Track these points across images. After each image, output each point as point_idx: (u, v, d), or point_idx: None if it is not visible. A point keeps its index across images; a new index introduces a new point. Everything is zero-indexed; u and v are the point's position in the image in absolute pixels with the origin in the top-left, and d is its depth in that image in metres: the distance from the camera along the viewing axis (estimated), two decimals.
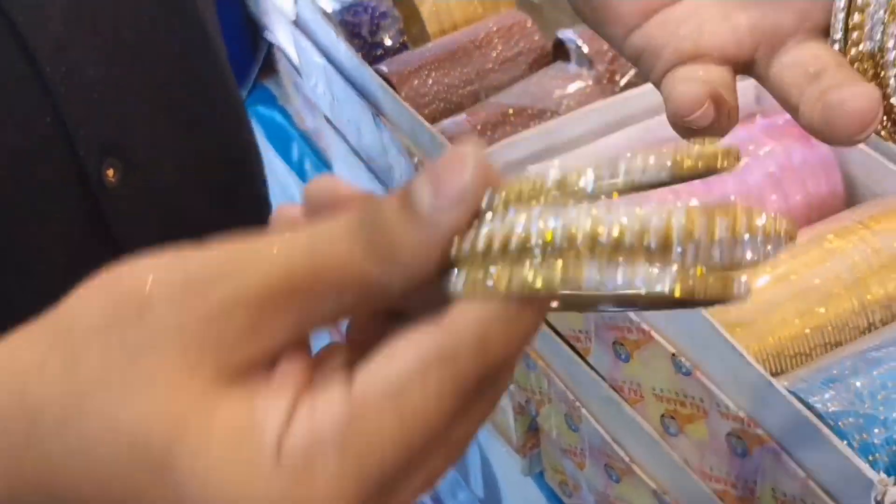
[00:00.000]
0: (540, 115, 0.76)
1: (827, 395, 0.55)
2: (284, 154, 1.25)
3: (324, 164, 1.14)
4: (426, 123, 0.75)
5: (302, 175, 1.20)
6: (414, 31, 0.89)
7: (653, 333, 0.63)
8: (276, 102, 1.28)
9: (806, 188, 0.70)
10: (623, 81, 0.78)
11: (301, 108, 1.20)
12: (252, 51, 1.27)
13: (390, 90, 0.80)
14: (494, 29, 0.85)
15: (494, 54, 0.82)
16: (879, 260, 0.64)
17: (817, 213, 0.70)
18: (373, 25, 0.87)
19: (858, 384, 0.56)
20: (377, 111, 0.82)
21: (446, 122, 0.77)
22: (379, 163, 0.86)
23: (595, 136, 0.74)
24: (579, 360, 0.71)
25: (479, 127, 0.76)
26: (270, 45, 1.24)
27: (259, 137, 1.31)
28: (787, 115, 0.67)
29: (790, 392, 0.56)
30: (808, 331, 0.62)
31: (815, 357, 0.62)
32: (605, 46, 0.79)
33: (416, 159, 0.77)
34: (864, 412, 0.54)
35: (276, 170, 1.30)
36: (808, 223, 0.69)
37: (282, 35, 1.09)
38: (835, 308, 0.63)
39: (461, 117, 0.77)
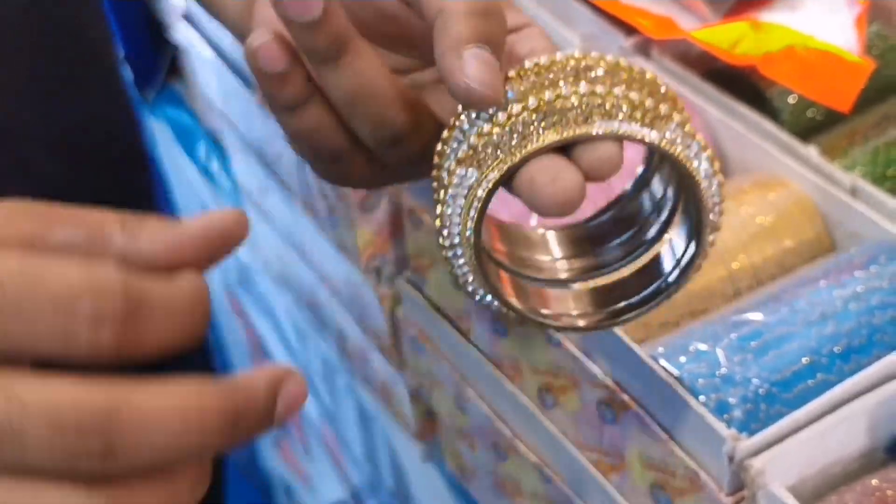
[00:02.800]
0: None
1: (685, 359, 0.56)
2: (192, 155, 1.24)
3: (228, 162, 1.14)
4: None
5: (209, 175, 1.20)
6: None
7: None
8: (184, 103, 1.27)
9: None
10: None
11: (206, 107, 1.20)
12: (157, 52, 1.26)
13: None
14: None
15: None
16: (746, 231, 0.65)
17: None
18: None
19: (718, 348, 0.57)
20: (264, 100, 0.82)
21: None
22: (269, 153, 0.86)
23: None
24: (463, 338, 0.72)
25: None
26: (177, 47, 1.23)
27: (168, 139, 1.31)
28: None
29: (651, 357, 0.57)
30: (674, 299, 0.63)
31: (682, 325, 0.63)
32: None
33: None
34: (721, 373, 0.55)
35: (184, 171, 1.30)
36: None
37: (183, 34, 1.09)
38: (702, 277, 0.64)
39: None
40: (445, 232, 0.42)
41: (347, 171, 0.44)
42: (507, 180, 0.39)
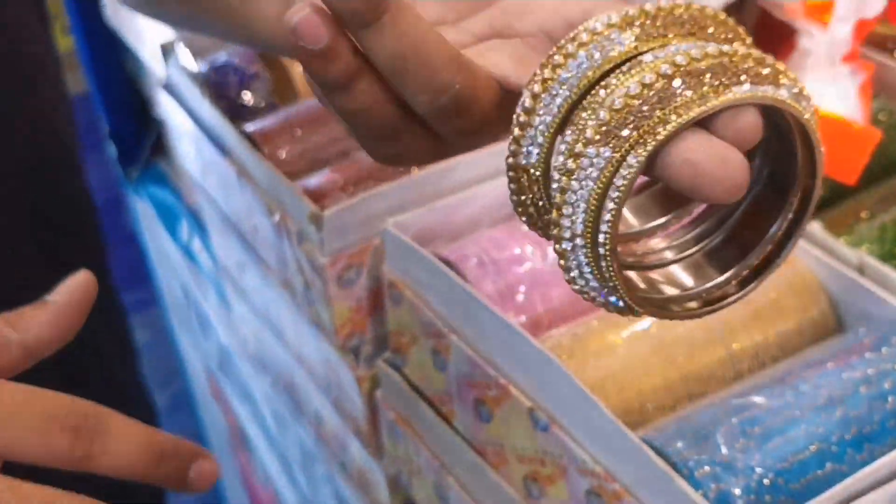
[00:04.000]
0: (406, 171, 0.73)
1: (682, 444, 0.52)
2: (174, 233, 1.21)
3: (209, 240, 1.10)
4: (285, 179, 0.72)
5: (190, 255, 1.16)
6: (287, 94, 0.86)
7: (510, 388, 0.60)
8: (167, 181, 1.24)
9: None
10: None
11: (188, 184, 1.17)
12: (142, 129, 1.24)
13: (253, 149, 0.77)
14: None
15: None
16: (746, 310, 0.61)
17: None
18: (241, 87, 0.85)
19: (718, 433, 0.52)
20: (241, 170, 0.79)
21: (310, 179, 0.74)
22: (246, 226, 0.82)
23: (463, 187, 0.71)
24: (444, 423, 0.67)
25: (342, 183, 0.73)
26: (162, 123, 1.21)
27: (151, 218, 1.27)
28: None
29: (645, 442, 0.52)
30: (671, 382, 0.58)
31: (680, 409, 0.58)
32: None
33: (276, 217, 0.74)
34: (721, 461, 0.51)
35: (166, 250, 1.26)
36: None
37: (162, 104, 1.06)
38: (700, 358, 0.59)
39: (325, 172, 0.74)
40: (567, 222, 0.35)
41: (403, 149, 0.40)
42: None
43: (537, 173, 0.36)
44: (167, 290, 1.35)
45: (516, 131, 0.36)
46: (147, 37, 0.96)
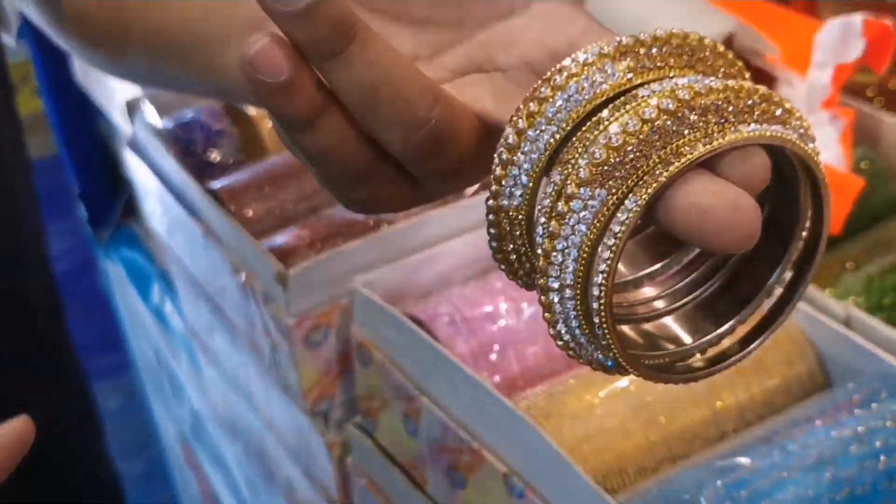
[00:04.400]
0: (375, 227, 0.71)
1: None
2: (145, 296, 1.18)
3: (180, 302, 1.07)
4: (250, 238, 0.70)
5: (161, 318, 1.13)
6: (255, 151, 0.84)
7: (484, 453, 0.57)
8: (139, 243, 1.22)
9: None
10: (471, 191, 0.73)
11: (158, 245, 1.14)
12: (113, 191, 1.21)
13: (219, 207, 0.74)
14: None
15: None
16: (731, 367, 0.59)
17: None
18: (207, 143, 0.82)
19: (702, 496, 0.50)
20: (207, 229, 0.76)
21: (276, 237, 0.72)
22: (213, 286, 0.80)
23: (433, 243, 0.69)
24: (417, 490, 0.64)
25: (309, 240, 0.70)
26: (132, 184, 1.19)
27: (123, 280, 1.25)
28: None
29: None
30: (652, 443, 0.56)
31: (661, 472, 0.55)
32: None
33: (241, 277, 0.71)
34: None
35: (138, 313, 1.23)
36: None
37: (129, 162, 1.04)
38: (683, 418, 0.57)
39: (292, 230, 0.72)
40: (555, 271, 0.31)
41: (376, 194, 0.36)
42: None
43: (520, 216, 0.33)
44: (140, 355, 1.32)
45: (498, 171, 0.32)
46: (115, 96, 0.94)
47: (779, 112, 0.31)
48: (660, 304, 0.36)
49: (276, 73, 0.31)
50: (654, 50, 0.32)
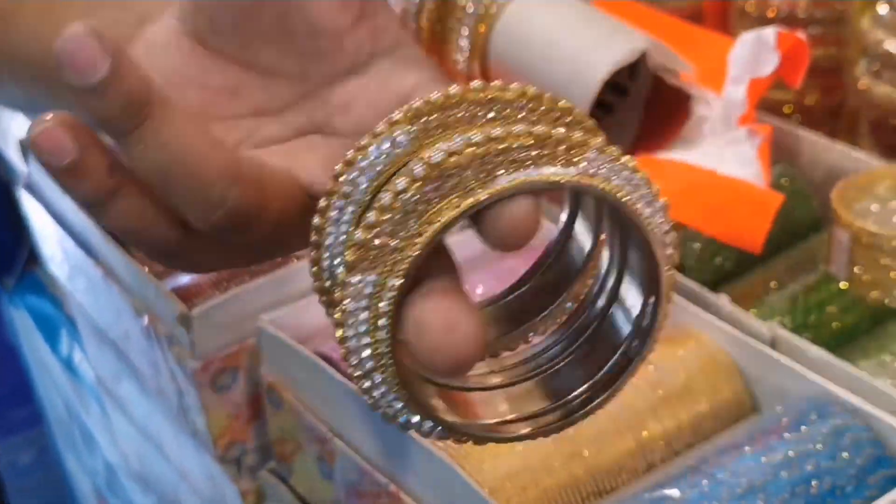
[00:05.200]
0: (283, 262, 0.68)
1: None
2: (53, 345, 1.13)
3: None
4: (151, 278, 0.66)
5: (70, 366, 1.09)
6: None
7: (402, 496, 0.54)
8: (45, 290, 1.17)
9: None
10: None
11: (65, 293, 1.10)
12: (16, 237, 1.17)
13: (119, 248, 0.71)
14: None
15: None
16: (654, 395, 0.56)
17: None
18: None
19: None
20: (107, 271, 0.72)
21: (180, 277, 0.68)
22: (117, 332, 0.76)
23: None
24: None
25: (214, 279, 0.67)
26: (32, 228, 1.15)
27: (30, 329, 1.20)
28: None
29: None
30: (577, 478, 0.53)
31: None
32: None
33: (144, 320, 0.68)
34: None
35: (46, 363, 1.18)
36: None
37: (26, 204, 1.00)
38: (608, 450, 0.54)
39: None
40: (354, 360, 0.31)
41: (197, 261, 0.35)
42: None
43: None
44: (50, 406, 1.27)
45: (313, 237, 0.31)
46: (9, 134, 0.90)
47: (570, 150, 0.29)
48: (495, 379, 0.35)
49: (59, 156, 0.30)
50: (449, 110, 0.30)
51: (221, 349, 0.63)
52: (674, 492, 0.50)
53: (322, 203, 0.31)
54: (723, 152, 0.63)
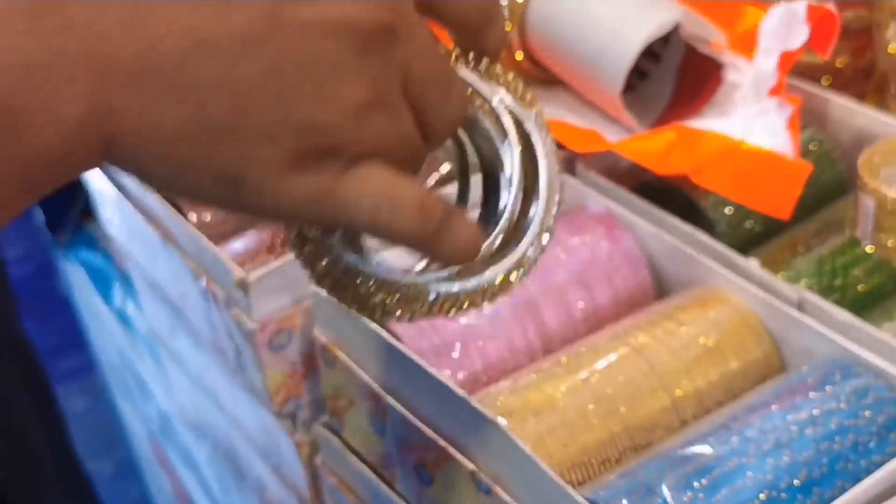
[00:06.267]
0: None
1: (627, 502, 0.50)
2: (107, 298, 1.18)
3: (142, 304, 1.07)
4: (210, 245, 0.70)
5: (125, 319, 1.13)
6: None
7: (450, 451, 0.58)
8: (98, 245, 1.21)
9: (613, 284, 0.66)
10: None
11: (118, 248, 1.14)
12: (70, 194, 1.21)
13: (177, 214, 0.74)
14: None
15: None
16: (687, 355, 0.60)
17: (626, 308, 0.66)
18: None
19: (663, 486, 0.51)
20: (166, 236, 0.76)
21: (236, 242, 0.72)
22: (174, 291, 0.80)
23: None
24: (387, 487, 0.65)
25: (269, 244, 0.71)
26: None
27: (84, 282, 1.24)
28: (590, 209, 0.64)
29: (590, 501, 0.50)
30: (614, 434, 0.57)
31: (624, 462, 0.56)
32: None
33: (202, 282, 0.71)
34: None
35: (100, 315, 1.23)
36: (617, 319, 0.65)
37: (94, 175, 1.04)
38: (643, 408, 0.58)
39: (251, 234, 0.72)
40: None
41: None
42: None
43: None
44: (104, 355, 1.32)
45: None
46: None
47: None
48: None
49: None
50: None
51: (277, 312, 0.67)
52: (705, 448, 0.53)
53: None
54: (753, 123, 0.65)
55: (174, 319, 0.84)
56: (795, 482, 0.51)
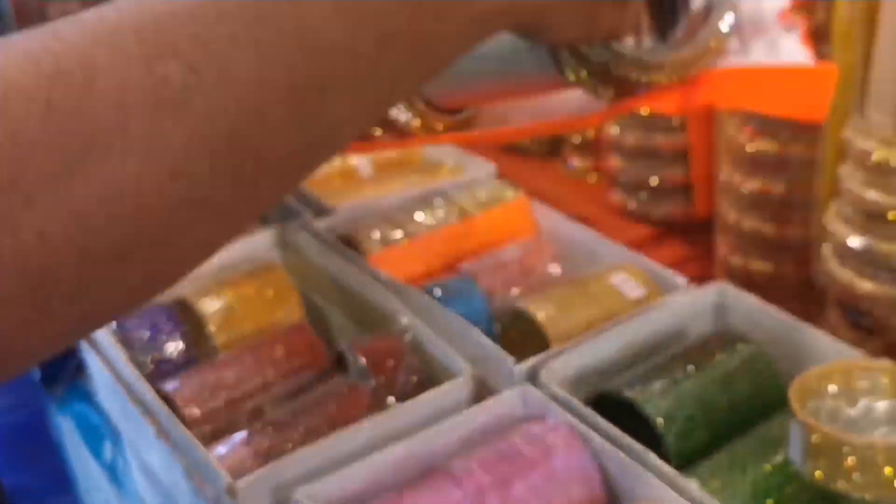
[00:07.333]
0: (323, 434, 0.77)
1: None
2: (97, 454, 1.22)
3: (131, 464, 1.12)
4: (201, 448, 0.76)
5: (114, 474, 1.18)
6: (203, 347, 0.91)
7: None
8: (92, 400, 1.26)
9: (569, 495, 0.72)
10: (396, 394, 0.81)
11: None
12: (66, 355, 1.26)
13: (170, 411, 0.80)
14: (281, 340, 0.88)
15: (273, 372, 0.84)
16: None
17: None
18: (155, 339, 0.89)
19: None
20: (159, 430, 0.82)
21: (222, 449, 0.78)
22: (166, 479, 0.85)
23: (367, 452, 0.74)
24: None
25: (254, 448, 0.77)
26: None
27: (75, 437, 1.29)
28: (549, 422, 0.68)
29: None
30: None
31: None
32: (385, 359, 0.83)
33: (193, 479, 0.77)
34: None
35: (90, 469, 1.27)
36: None
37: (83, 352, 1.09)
38: None
39: (240, 436, 0.78)
40: None
41: None
42: None
43: None
44: (91, 501, 1.36)
45: None
46: None
47: None
48: None
49: None
50: None
51: None
52: None
53: None
54: (771, 50, 0.66)
55: (165, 499, 0.90)
56: None
